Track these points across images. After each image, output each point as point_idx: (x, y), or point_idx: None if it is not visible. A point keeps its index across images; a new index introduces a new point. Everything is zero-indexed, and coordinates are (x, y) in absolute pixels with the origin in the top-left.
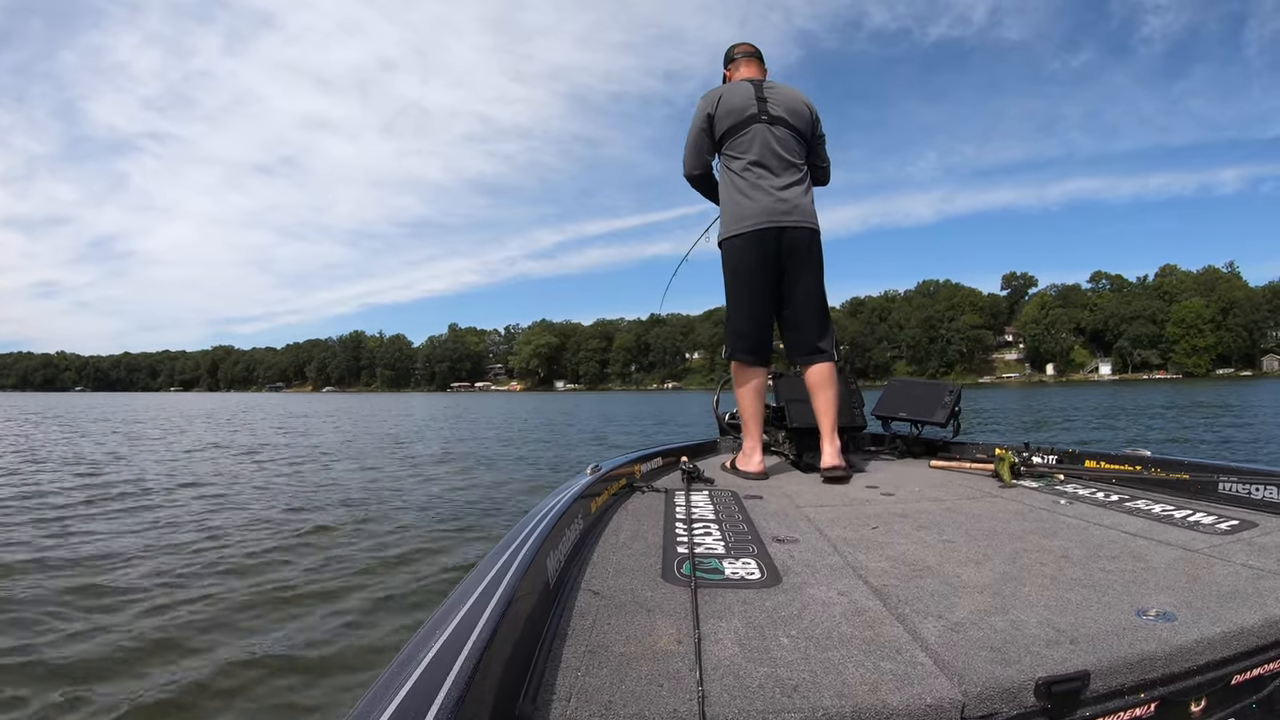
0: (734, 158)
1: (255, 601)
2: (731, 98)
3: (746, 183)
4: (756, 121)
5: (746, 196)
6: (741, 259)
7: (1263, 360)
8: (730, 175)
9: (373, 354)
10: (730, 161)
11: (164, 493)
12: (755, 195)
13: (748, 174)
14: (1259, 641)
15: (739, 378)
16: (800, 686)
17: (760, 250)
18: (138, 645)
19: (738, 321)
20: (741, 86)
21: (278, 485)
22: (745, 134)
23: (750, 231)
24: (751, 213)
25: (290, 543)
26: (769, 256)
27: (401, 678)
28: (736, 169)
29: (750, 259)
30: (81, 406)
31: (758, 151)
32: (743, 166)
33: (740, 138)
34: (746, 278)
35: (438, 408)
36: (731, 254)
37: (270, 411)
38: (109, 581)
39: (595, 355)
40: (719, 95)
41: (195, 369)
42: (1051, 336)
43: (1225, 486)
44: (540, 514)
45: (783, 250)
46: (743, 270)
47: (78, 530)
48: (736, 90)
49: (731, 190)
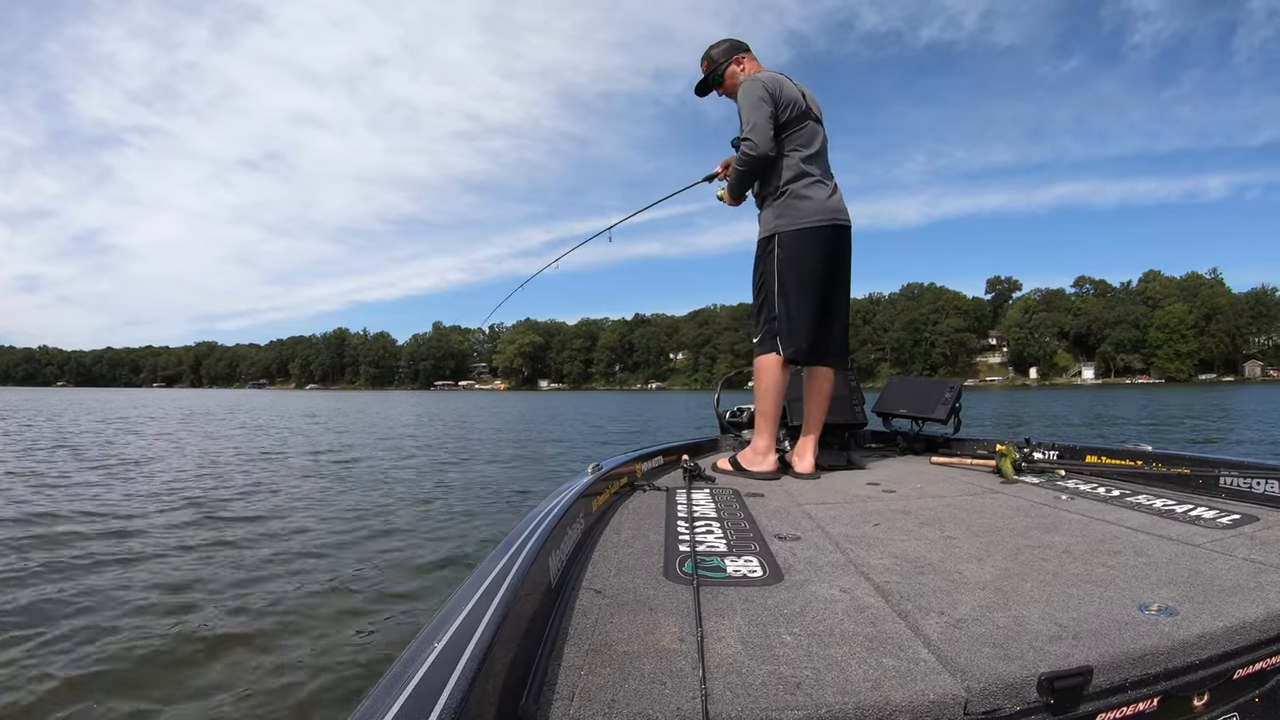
0: (793, 150)
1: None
2: (789, 88)
3: (811, 179)
4: (810, 118)
5: (811, 192)
6: (805, 255)
7: (1245, 366)
8: (791, 168)
9: (357, 351)
10: (789, 153)
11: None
12: (819, 192)
13: (810, 168)
14: (1261, 636)
15: (773, 374)
16: (803, 684)
17: (825, 247)
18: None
19: (797, 318)
20: (788, 81)
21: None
22: (803, 128)
23: (817, 227)
24: (819, 209)
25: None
26: (831, 255)
27: (405, 677)
28: (799, 162)
29: (815, 255)
30: (63, 403)
31: (817, 148)
32: (805, 158)
33: (799, 131)
34: (810, 274)
35: (439, 408)
36: (794, 247)
37: (274, 411)
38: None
39: (579, 355)
40: (776, 82)
41: (178, 365)
42: (1035, 340)
43: (1227, 481)
44: (542, 513)
45: (839, 250)
46: (806, 265)
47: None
48: (787, 82)
49: (794, 183)
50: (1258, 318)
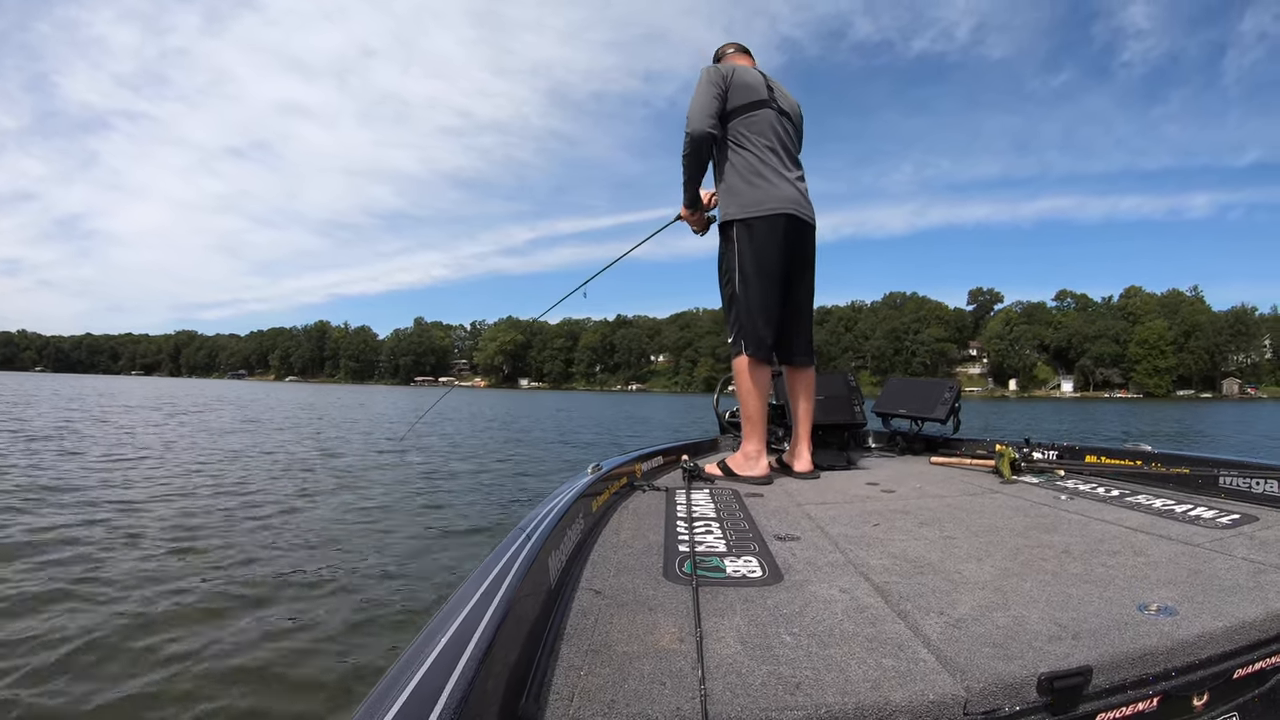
0: (748, 136)
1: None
2: (745, 74)
3: (767, 165)
4: (768, 106)
5: (767, 180)
6: (764, 244)
7: (1223, 383)
8: (745, 154)
9: (337, 345)
10: (744, 139)
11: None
12: (777, 180)
13: (768, 156)
14: (1261, 635)
15: (751, 375)
16: (803, 684)
17: (783, 238)
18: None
19: (757, 313)
20: (750, 70)
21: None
22: (758, 115)
23: (773, 215)
24: (775, 197)
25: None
26: (788, 247)
27: (405, 678)
28: (754, 148)
29: (773, 246)
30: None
31: (773, 137)
32: (762, 147)
33: (753, 117)
34: (768, 266)
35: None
36: (751, 237)
37: (267, 405)
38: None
39: (560, 354)
40: (731, 68)
41: (157, 353)
42: (1015, 352)
43: (1226, 481)
44: (541, 513)
45: (799, 243)
46: (764, 257)
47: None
48: (747, 70)
49: (748, 170)
50: (1236, 335)
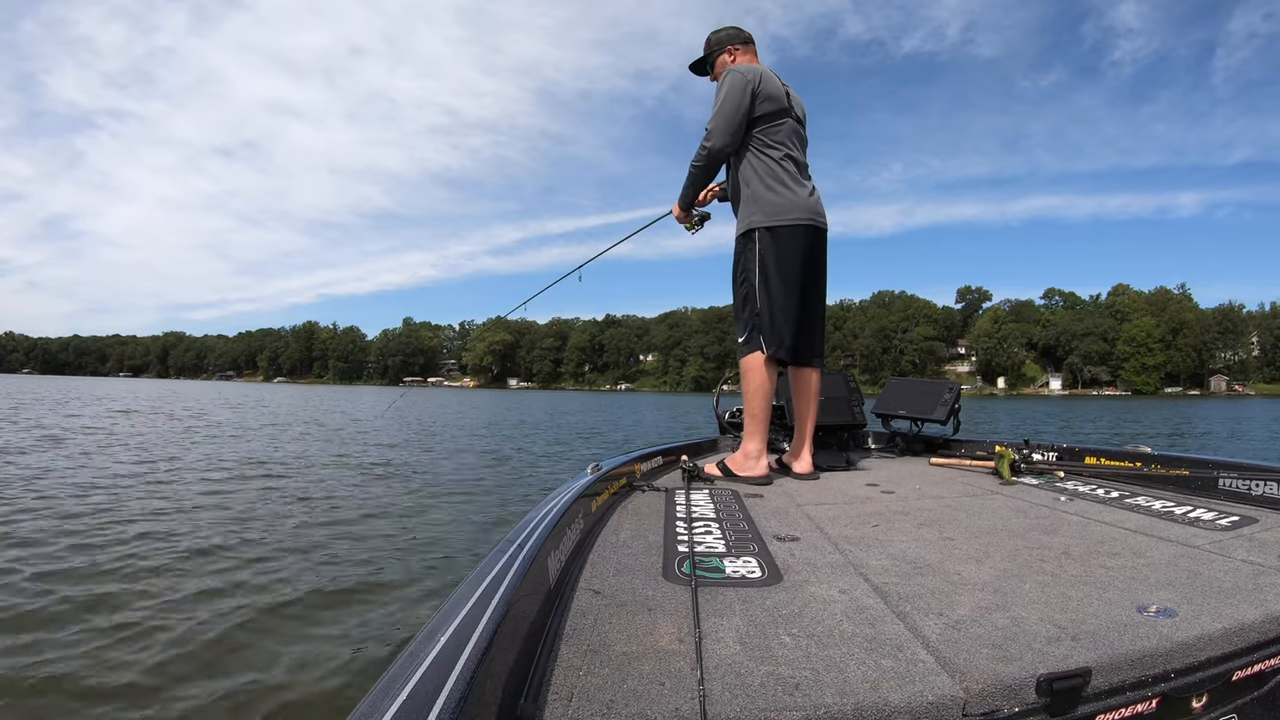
0: (770, 145)
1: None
2: (771, 82)
3: (788, 175)
4: (789, 115)
5: (789, 189)
6: (786, 251)
7: (1210, 380)
8: (767, 163)
9: (326, 345)
10: (765, 149)
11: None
12: (798, 190)
13: (788, 165)
14: (1260, 637)
15: (760, 375)
16: (802, 685)
17: (805, 245)
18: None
19: (779, 315)
20: (773, 78)
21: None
22: (781, 124)
23: (797, 225)
24: (798, 206)
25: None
26: (810, 254)
27: (404, 677)
28: (775, 158)
29: (795, 254)
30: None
31: (793, 146)
32: (782, 156)
33: (775, 126)
34: (789, 273)
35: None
36: (775, 243)
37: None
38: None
39: (549, 354)
40: (759, 75)
41: (145, 355)
42: (1003, 350)
43: (1225, 483)
44: (541, 514)
45: (817, 252)
46: (786, 264)
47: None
48: (771, 79)
49: (770, 177)
50: (1224, 333)
